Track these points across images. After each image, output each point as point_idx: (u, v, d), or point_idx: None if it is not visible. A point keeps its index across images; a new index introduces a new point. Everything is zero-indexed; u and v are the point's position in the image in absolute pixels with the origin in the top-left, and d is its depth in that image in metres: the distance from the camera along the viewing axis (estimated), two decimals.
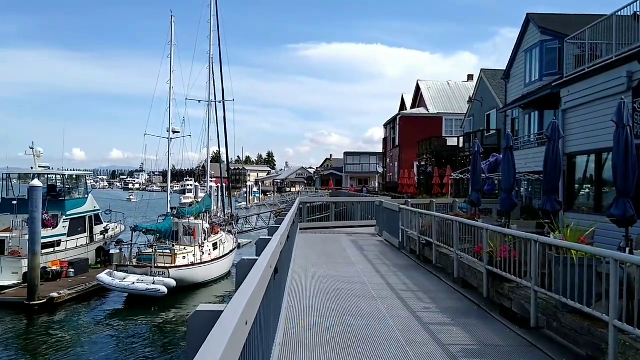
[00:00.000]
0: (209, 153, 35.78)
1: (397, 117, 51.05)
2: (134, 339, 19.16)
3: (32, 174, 28.62)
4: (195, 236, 27.24)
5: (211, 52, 34.11)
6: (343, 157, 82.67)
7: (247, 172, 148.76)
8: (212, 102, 34.35)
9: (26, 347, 18.21)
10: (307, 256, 14.78)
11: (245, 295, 2.79)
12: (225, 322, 2.24)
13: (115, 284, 22.92)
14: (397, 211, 16.92)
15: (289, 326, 7.55)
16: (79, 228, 29.28)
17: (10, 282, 23.65)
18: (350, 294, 10.12)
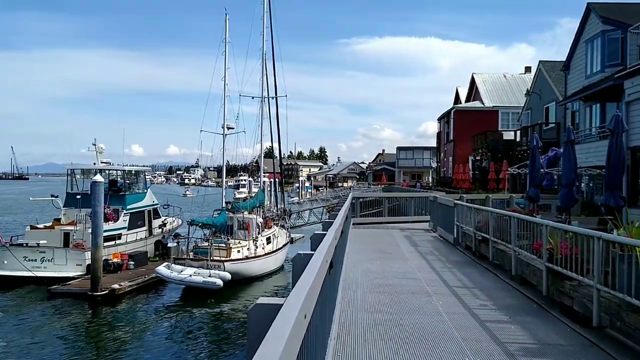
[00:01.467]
0: (262, 148, 36.24)
1: (452, 111, 50.22)
2: (191, 330, 19.65)
3: (94, 170, 29.69)
4: (250, 230, 27.68)
5: (264, 49, 34.45)
6: (396, 152, 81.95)
7: (299, 167, 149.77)
8: (265, 98, 34.73)
9: (90, 335, 18.97)
10: (360, 251, 14.77)
11: (303, 289, 2.82)
12: (286, 315, 2.26)
13: (173, 276, 23.55)
14: (452, 206, 16.67)
15: (343, 320, 7.58)
16: (139, 222, 30.23)
17: (74, 274, 24.67)
18: (404, 289, 10.05)
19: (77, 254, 25.37)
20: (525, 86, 42.75)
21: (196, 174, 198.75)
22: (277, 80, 35.21)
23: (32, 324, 19.54)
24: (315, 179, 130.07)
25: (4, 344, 17.25)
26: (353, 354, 6.31)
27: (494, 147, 38.15)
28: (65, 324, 19.75)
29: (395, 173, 79.03)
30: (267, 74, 34.68)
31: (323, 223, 7.84)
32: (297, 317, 2.29)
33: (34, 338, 17.98)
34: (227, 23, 32.14)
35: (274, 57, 34.72)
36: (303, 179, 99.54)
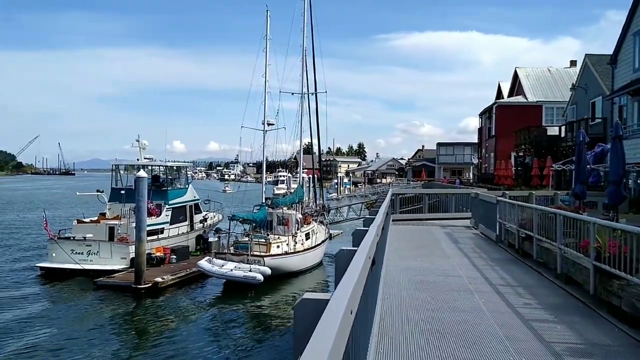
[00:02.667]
0: (301, 145, 36.35)
1: (494, 106, 49.34)
2: (232, 323, 19.92)
3: (137, 165, 30.33)
4: (289, 226, 27.84)
5: (304, 45, 34.52)
6: (436, 148, 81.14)
7: (337, 163, 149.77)
8: (305, 95, 34.81)
9: (133, 326, 19.45)
10: (400, 248, 14.68)
11: (348, 285, 2.82)
12: (333, 310, 2.27)
13: (214, 270, 23.90)
14: (494, 203, 16.40)
15: (384, 317, 7.55)
16: (181, 217, 30.75)
17: (119, 267, 25.29)
18: (446, 287, 9.95)
19: (121, 247, 26.01)
20: (570, 80, 41.64)
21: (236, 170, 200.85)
22: (317, 77, 35.29)
23: (79, 315, 20.17)
24: (353, 175, 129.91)
25: (53, 333, 17.86)
26: (395, 351, 6.28)
27: (537, 143, 37.31)
28: (110, 315, 20.31)
29: (435, 169, 78.22)
30: (307, 70, 34.78)
31: (364, 219, 7.82)
32: (344, 312, 2.30)
33: (80, 328, 18.56)
34: (269, 20, 32.31)
35: (314, 53, 34.81)
36: (342, 175, 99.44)
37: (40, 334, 17.80)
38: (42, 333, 17.94)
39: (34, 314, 20.08)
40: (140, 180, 24.27)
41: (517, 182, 36.96)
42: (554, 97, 45.54)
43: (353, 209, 44.11)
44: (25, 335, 17.68)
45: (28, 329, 18.25)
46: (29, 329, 18.25)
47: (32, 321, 19.16)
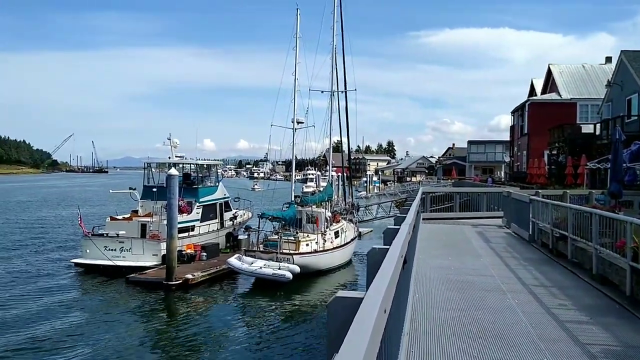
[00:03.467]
0: (330, 143, 36.30)
1: (526, 103, 48.52)
2: (261, 320, 20.03)
3: (168, 163, 30.70)
4: (318, 224, 27.85)
5: (334, 43, 34.45)
6: (467, 146, 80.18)
7: (367, 161, 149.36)
8: (335, 93, 34.76)
9: (164, 322, 19.72)
10: (431, 247, 14.56)
11: (382, 283, 2.80)
12: (368, 309, 2.26)
13: (244, 268, 24.08)
14: (527, 202, 16.14)
15: (415, 316, 7.50)
16: (211, 214, 31.04)
17: (150, 263, 25.65)
18: (477, 286, 9.83)
19: (153, 244, 26.38)
20: (605, 77, 40.69)
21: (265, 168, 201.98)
22: (346, 74, 35.16)
23: (111, 310, 20.55)
24: (383, 173, 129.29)
25: (84, 326, 18.24)
26: (426, 350, 6.23)
27: (571, 141, 36.56)
28: (141, 311, 20.64)
29: (466, 167, 77.30)
30: (336, 68, 34.70)
31: (395, 217, 7.77)
32: (378, 311, 2.28)
33: (111, 323, 18.91)
34: (299, 18, 32.33)
35: (344, 51, 34.70)
36: (371, 173, 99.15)
37: (72, 327, 18.22)
38: (74, 325, 18.37)
39: (67, 308, 20.54)
40: (172, 178, 24.57)
41: (551, 180, 36.28)
42: (588, 94, 44.55)
43: (382, 207, 43.87)
44: (56, 327, 18.13)
45: (60, 322, 18.69)
46: (60, 322, 18.70)
47: (64, 315, 19.61)
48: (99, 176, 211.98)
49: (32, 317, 19.24)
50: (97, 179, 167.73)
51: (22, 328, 17.93)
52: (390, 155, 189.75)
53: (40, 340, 16.80)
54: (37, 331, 17.62)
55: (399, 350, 4.78)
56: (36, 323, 18.50)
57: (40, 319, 18.94)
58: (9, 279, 24.87)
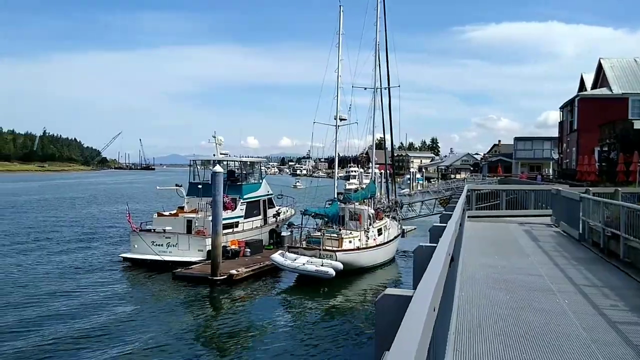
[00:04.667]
0: (373, 140, 36.12)
1: (576, 99, 47.11)
2: (305, 316, 20.15)
3: (213, 161, 31.17)
4: (361, 221, 27.78)
5: (377, 40, 34.25)
6: (513, 143, 78.40)
7: (410, 158, 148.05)
8: (378, 89, 34.56)
9: (209, 316, 20.09)
10: (476, 245, 14.31)
11: (431, 281, 2.75)
12: (418, 307, 2.22)
13: (287, 264, 24.25)
14: (578, 200, 15.66)
15: (461, 315, 7.38)
16: (254, 211, 31.38)
17: (196, 259, 26.14)
18: (525, 286, 9.59)
19: (198, 240, 26.86)
20: None
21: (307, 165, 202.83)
22: (389, 71, 34.91)
23: (159, 303, 21.08)
24: (426, 170, 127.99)
25: (133, 319, 18.75)
26: (473, 350, 6.12)
27: (623, 137, 35.30)
28: (188, 304, 21.09)
29: (512, 165, 75.64)
30: (379, 64, 34.50)
31: (441, 215, 7.66)
32: (428, 309, 2.24)
33: (159, 315, 19.43)
34: (341, 15, 32.25)
35: (387, 47, 34.47)
36: (414, 171, 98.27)
37: (121, 318, 18.82)
38: (123, 317, 18.97)
39: (117, 300, 21.23)
40: (217, 175, 24.94)
41: (601, 178, 35.15)
42: None
43: (426, 205, 43.40)
44: (106, 318, 18.75)
45: (110, 313, 19.32)
46: (110, 313, 19.33)
47: (114, 306, 20.25)
48: (146, 173, 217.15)
49: (83, 308, 19.95)
50: (144, 176, 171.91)
51: (74, 318, 18.63)
52: (434, 152, 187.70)
53: (90, 330, 17.42)
54: (88, 321, 18.25)
55: (445, 349, 4.71)
56: (87, 314, 19.17)
57: (91, 311, 19.59)
58: (62, 272, 25.81)
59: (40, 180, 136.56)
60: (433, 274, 2.93)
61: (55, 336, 16.71)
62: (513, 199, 24.74)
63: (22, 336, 16.63)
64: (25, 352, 15.41)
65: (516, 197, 25.07)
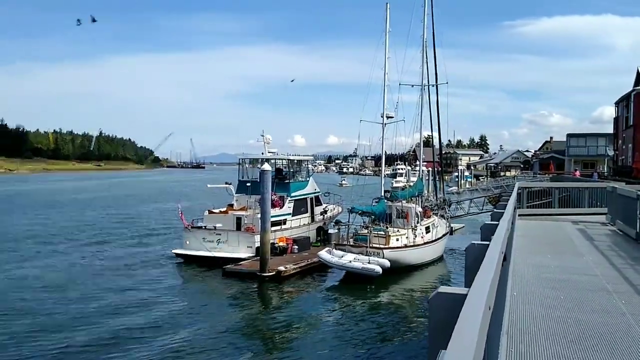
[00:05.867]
0: (421, 137, 35.79)
1: (632, 93, 45.37)
2: (352, 313, 20.19)
3: (261, 159, 31.54)
4: (408, 219, 27.59)
5: (425, 36, 33.87)
6: (565, 139, 76.25)
7: (458, 155, 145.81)
8: (425, 86, 34.18)
9: (258, 311, 20.43)
10: (528, 243, 14.00)
11: (485, 280, 2.74)
12: (473, 305, 2.23)
13: (334, 261, 24.33)
14: (635, 198, 15.11)
15: (513, 315, 7.26)
16: (302, 208, 31.58)
17: (245, 255, 26.53)
18: (579, 286, 9.34)
19: (247, 237, 27.26)
20: None
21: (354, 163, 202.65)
22: (437, 68, 34.47)
23: (210, 298, 21.65)
24: (475, 168, 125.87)
25: (185, 312, 19.33)
26: (526, 351, 6.02)
27: None
28: (237, 300, 21.54)
29: (565, 162, 73.55)
30: (427, 61, 34.11)
31: (492, 213, 7.57)
32: (484, 308, 2.24)
33: (210, 309, 19.98)
34: (388, 13, 32.01)
35: (434, 44, 34.04)
36: (462, 168, 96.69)
37: (173, 311, 19.46)
38: (175, 310, 19.60)
39: (169, 295, 21.92)
40: (265, 173, 25.24)
41: None
42: None
43: (475, 202, 42.70)
44: (158, 311, 19.41)
45: (162, 307, 19.99)
46: (163, 307, 20.00)
47: (166, 301, 20.92)
48: (196, 172, 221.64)
49: (137, 301, 20.67)
50: (195, 175, 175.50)
51: (129, 311, 19.32)
52: (482, 150, 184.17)
53: (144, 323, 18.02)
54: (142, 314, 18.92)
55: (498, 349, 4.66)
56: (141, 307, 19.85)
57: (145, 304, 20.26)
58: (117, 267, 26.71)
59: (97, 179, 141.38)
60: (487, 272, 2.92)
61: (111, 328, 17.35)
62: (566, 196, 24.06)
63: (82, 328, 17.33)
64: (84, 342, 16.07)
65: (569, 195, 24.36)
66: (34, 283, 23.17)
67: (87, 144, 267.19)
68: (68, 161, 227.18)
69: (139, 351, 15.49)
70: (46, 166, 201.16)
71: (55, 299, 20.65)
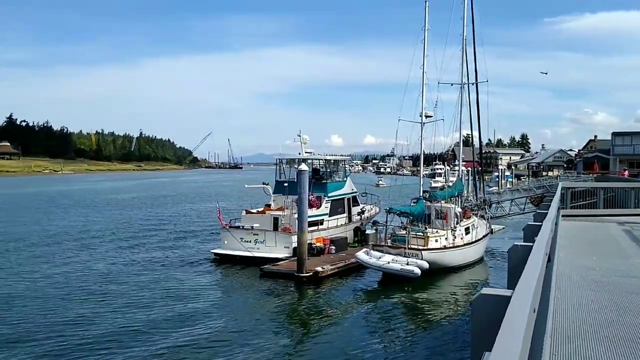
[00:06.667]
0: (460, 136, 35.28)
1: None
2: (390, 315, 20.04)
3: (298, 159, 31.62)
4: (447, 220, 27.21)
5: (464, 34, 33.37)
6: (610, 138, 74.05)
7: (498, 155, 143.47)
8: (465, 85, 33.68)
9: (295, 311, 20.49)
10: (572, 245, 13.64)
11: (530, 282, 2.66)
12: (518, 307, 2.16)
13: (372, 262, 24.17)
14: None
15: (556, 318, 7.07)
16: (339, 209, 31.54)
17: (282, 255, 26.65)
18: (626, 289, 9.03)
19: (285, 237, 27.37)
20: None
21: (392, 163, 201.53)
22: (477, 66, 33.89)
23: (247, 298, 21.91)
24: (516, 167, 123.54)
25: (223, 311, 19.60)
26: (571, 355, 5.84)
27: None
28: (274, 300, 21.68)
29: (610, 161, 71.43)
30: (467, 59, 33.60)
31: (535, 214, 7.39)
32: (529, 311, 2.17)
33: (247, 309, 20.18)
34: (427, 11, 31.66)
35: (474, 41, 33.44)
36: (503, 168, 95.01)
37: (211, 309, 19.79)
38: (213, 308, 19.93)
39: (208, 293, 22.26)
40: (302, 174, 25.27)
41: None
42: None
43: (516, 203, 41.87)
44: (197, 307, 19.85)
45: (200, 304, 20.38)
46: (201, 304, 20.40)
47: (205, 298, 21.28)
48: (234, 172, 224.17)
49: (176, 297, 21.20)
50: (232, 175, 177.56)
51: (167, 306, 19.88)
52: (523, 149, 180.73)
53: (182, 314, 18.74)
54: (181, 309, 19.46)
55: (542, 353, 4.53)
56: (181, 302, 20.36)
57: (184, 300, 20.73)
58: (156, 265, 27.29)
59: (136, 179, 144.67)
60: (532, 274, 2.84)
61: (151, 318, 18.23)
62: (611, 197, 23.36)
63: (128, 317, 18.26)
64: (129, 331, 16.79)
65: (614, 196, 23.65)
66: (82, 278, 24.11)
67: (128, 145, 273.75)
68: (109, 162, 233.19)
69: (177, 338, 16.24)
70: (88, 167, 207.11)
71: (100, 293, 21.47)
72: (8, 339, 16.06)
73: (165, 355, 14.95)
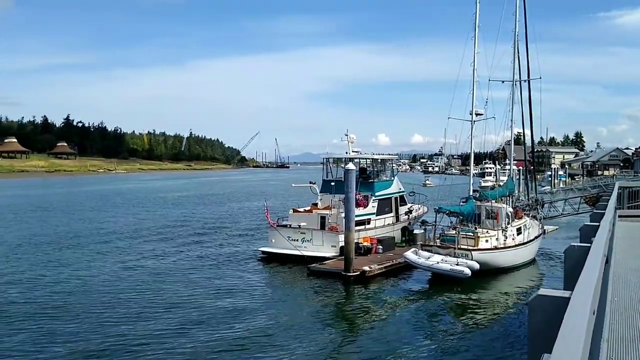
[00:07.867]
0: (512, 135, 34.48)
1: None
2: (440, 316, 19.83)
3: (345, 158, 31.58)
4: (498, 220, 26.66)
5: (516, 30, 32.57)
6: None
7: (551, 154, 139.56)
8: (517, 82, 32.88)
9: (342, 311, 20.48)
10: (630, 246, 13.14)
11: (589, 283, 2.60)
12: (577, 309, 2.11)
13: (420, 262, 23.91)
14: None
15: (613, 321, 6.84)
16: (386, 208, 31.34)
17: (329, 254, 26.67)
18: None
19: (332, 236, 27.41)
20: None
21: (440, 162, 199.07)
22: (529, 62, 33.02)
23: (295, 296, 22.09)
24: (569, 166, 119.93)
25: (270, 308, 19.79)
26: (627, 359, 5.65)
27: None
28: (322, 298, 21.74)
29: None
30: (519, 56, 32.80)
31: (591, 214, 7.17)
32: (588, 313, 2.12)
33: (294, 307, 20.37)
34: (478, 7, 31.04)
35: (527, 37, 32.59)
36: (556, 167, 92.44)
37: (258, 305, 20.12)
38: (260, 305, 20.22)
39: (256, 290, 22.56)
40: (349, 173, 25.22)
41: None
42: None
43: (569, 203, 40.63)
44: (245, 303, 20.20)
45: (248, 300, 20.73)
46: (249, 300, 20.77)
47: (253, 295, 21.64)
48: (281, 171, 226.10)
49: (226, 294, 21.61)
50: (280, 174, 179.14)
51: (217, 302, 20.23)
52: (578, 147, 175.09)
53: (232, 312, 19.00)
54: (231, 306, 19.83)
55: (599, 356, 4.41)
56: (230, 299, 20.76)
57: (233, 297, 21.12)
58: (204, 263, 27.93)
59: (186, 178, 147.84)
60: (591, 275, 2.77)
61: (200, 315, 18.52)
62: None
63: (179, 314, 18.65)
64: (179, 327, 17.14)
65: None
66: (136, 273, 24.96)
67: (178, 144, 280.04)
68: (160, 161, 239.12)
69: (226, 334, 16.66)
70: (141, 166, 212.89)
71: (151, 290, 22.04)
72: (63, 332, 16.70)
73: (215, 351, 15.23)
